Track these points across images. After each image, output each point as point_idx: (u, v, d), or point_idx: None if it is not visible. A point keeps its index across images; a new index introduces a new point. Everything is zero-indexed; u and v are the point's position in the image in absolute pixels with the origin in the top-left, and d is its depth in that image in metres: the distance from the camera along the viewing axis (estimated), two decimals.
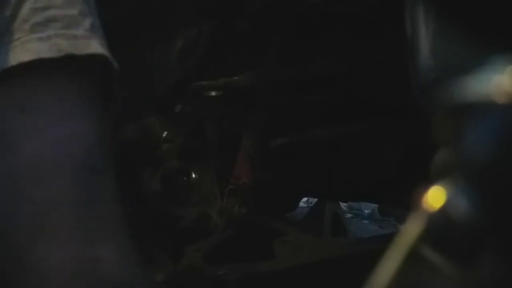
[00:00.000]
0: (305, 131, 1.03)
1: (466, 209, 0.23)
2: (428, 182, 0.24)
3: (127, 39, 0.96)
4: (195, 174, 1.11)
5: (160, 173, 1.09)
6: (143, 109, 1.06)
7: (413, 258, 0.23)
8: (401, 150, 0.98)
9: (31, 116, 0.43)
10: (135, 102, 0.98)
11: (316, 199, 1.88)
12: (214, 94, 1.01)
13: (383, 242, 0.26)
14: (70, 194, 0.42)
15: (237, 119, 1.09)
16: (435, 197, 0.24)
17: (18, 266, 0.40)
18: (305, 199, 2.30)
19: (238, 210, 0.99)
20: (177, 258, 1.10)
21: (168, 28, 0.98)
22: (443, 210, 0.23)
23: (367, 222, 2.53)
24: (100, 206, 0.44)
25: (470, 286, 0.23)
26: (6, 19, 0.42)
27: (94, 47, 0.44)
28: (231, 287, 1.03)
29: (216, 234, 1.03)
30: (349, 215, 2.46)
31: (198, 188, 1.10)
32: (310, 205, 2.14)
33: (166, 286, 1.07)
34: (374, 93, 0.91)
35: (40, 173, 0.42)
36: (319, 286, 1.11)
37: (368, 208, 2.61)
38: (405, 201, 0.26)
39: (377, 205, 2.42)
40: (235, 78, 0.95)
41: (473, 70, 0.25)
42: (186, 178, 1.11)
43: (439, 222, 0.23)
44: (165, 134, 1.08)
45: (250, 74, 0.94)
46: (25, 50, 0.41)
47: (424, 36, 0.29)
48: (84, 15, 0.45)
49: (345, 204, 2.38)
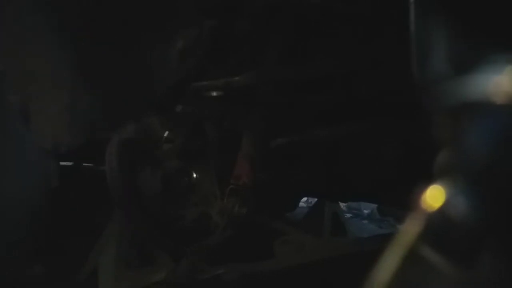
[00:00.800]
0: (305, 131, 1.03)
1: (466, 209, 0.23)
2: (428, 182, 0.24)
3: (127, 39, 0.96)
4: (195, 174, 1.11)
5: (160, 173, 1.09)
6: (143, 109, 1.06)
7: (412, 258, 0.23)
8: (401, 150, 0.98)
9: None
10: (135, 102, 0.98)
11: (316, 199, 1.88)
12: (214, 94, 1.01)
13: (383, 242, 0.26)
14: None
15: (237, 119, 1.09)
16: (435, 197, 0.24)
17: None
18: (305, 199, 2.31)
19: (238, 210, 0.99)
20: (177, 258, 1.10)
21: (168, 28, 0.98)
22: (443, 210, 0.23)
23: (367, 222, 2.54)
24: None
25: (470, 286, 0.23)
26: None
27: None
28: (231, 287, 1.03)
29: (216, 234, 1.02)
30: (348, 215, 2.46)
31: (198, 188, 1.10)
32: (310, 205, 2.14)
33: (166, 286, 1.07)
34: (374, 93, 0.91)
35: None
36: (319, 286, 1.11)
37: (367, 208, 2.61)
38: (404, 201, 0.26)
39: (376, 205, 2.42)
40: (235, 78, 0.95)
41: (473, 70, 0.25)
42: (186, 178, 1.11)
43: (439, 222, 0.23)
44: (165, 134, 1.08)
45: (250, 74, 0.94)
46: None
47: (434, 37, 0.29)
48: None
49: (344, 204, 2.39)
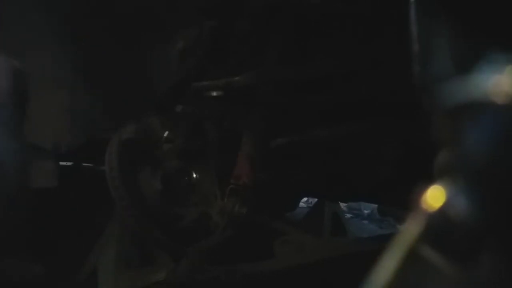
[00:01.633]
0: (305, 131, 1.02)
1: (466, 209, 0.23)
2: (428, 182, 0.24)
3: (127, 39, 0.96)
4: (195, 174, 1.11)
5: (160, 173, 1.09)
6: (143, 109, 1.06)
7: (412, 258, 0.23)
8: (401, 150, 0.98)
9: None
10: (135, 102, 0.98)
11: (316, 199, 1.88)
12: (214, 94, 1.01)
13: (383, 242, 0.26)
14: None
15: (237, 119, 1.09)
16: (435, 197, 0.24)
17: None
18: (305, 199, 2.31)
19: (238, 210, 0.99)
20: (177, 258, 1.10)
21: (168, 28, 0.98)
22: (443, 210, 0.23)
23: (367, 222, 2.54)
24: None
25: (470, 286, 0.23)
26: None
27: None
28: (231, 287, 1.03)
29: (216, 234, 1.02)
30: (348, 215, 2.46)
31: (198, 188, 1.10)
32: (310, 205, 2.14)
33: (166, 286, 1.07)
34: (374, 93, 0.91)
35: None
36: (319, 286, 1.11)
37: (367, 208, 2.61)
38: (404, 201, 0.26)
39: (376, 205, 2.42)
40: (236, 78, 0.95)
41: (473, 70, 0.25)
42: (186, 178, 1.11)
43: (439, 222, 0.23)
44: (165, 134, 1.08)
45: (250, 74, 0.94)
46: None
47: (434, 37, 0.29)
48: None
49: (344, 204, 2.39)
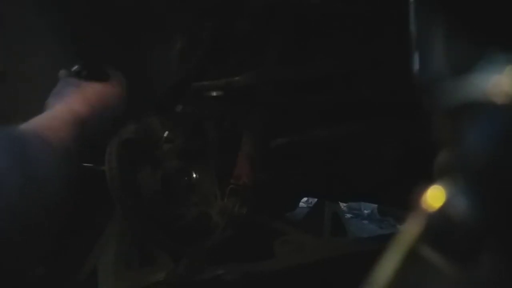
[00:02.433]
0: (305, 131, 1.02)
1: (466, 209, 0.23)
2: (428, 182, 0.24)
3: (127, 39, 0.96)
4: (195, 174, 1.11)
5: (160, 173, 1.09)
6: (143, 109, 1.06)
7: (412, 258, 0.23)
8: (401, 150, 0.98)
9: None
10: (135, 102, 0.98)
11: (316, 199, 1.88)
12: (214, 94, 1.01)
13: (383, 242, 0.25)
14: None
15: (237, 119, 1.09)
16: (435, 197, 0.24)
17: None
18: (305, 199, 2.31)
19: (238, 210, 0.99)
20: (177, 258, 1.10)
21: (168, 28, 0.98)
22: (443, 210, 0.23)
23: (367, 222, 2.54)
24: None
25: (470, 286, 0.23)
26: None
27: None
28: (231, 287, 1.03)
29: (216, 234, 1.02)
30: (348, 215, 2.46)
31: (198, 188, 1.10)
32: (310, 205, 2.14)
33: (166, 286, 1.07)
34: (374, 93, 0.91)
35: None
36: (319, 286, 1.11)
37: (367, 208, 2.61)
38: (404, 201, 0.26)
39: (376, 205, 2.42)
40: (236, 78, 0.95)
41: (473, 70, 0.25)
42: (186, 178, 1.11)
43: (439, 222, 0.23)
44: (165, 134, 1.08)
45: (250, 74, 0.94)
46: None
47: (434, 37, 0.29)
48: None
49: (344, 204, 2.39)
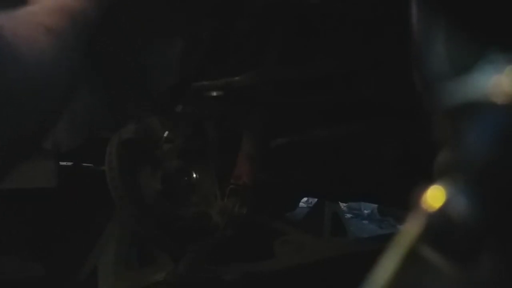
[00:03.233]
0: (305, 131, 1.02)
1: (466, 209, 0.23)
2: (428, 182, 0.24)
3: (127, 39, 0.96)
4: (195, 174, 1.11)
5: (160, 173, 1.09)
6: (143, 109, 1.06)
7: (412, 258, 0.23)
8: (401, 150, 0.98)
9: None
10: (135, 102, 0.98)
11: (316, 199, 1.88)
12: (214, 94, 1.01)
13: (383, 242, 0.26)
14: None
15: (237, 119, 1.09)
16: (435, 197, 0.24)
17: None
18: (305, 199, 2.31)
19: (238, 210, 0.99)
20: (177, 258, 1.10)
21: (168, 28, 0.98)
22: (443, 210, 0.23)
23: (367, 222, 2.54)
24: None
25: (470, 286, 0.23)
26: None
27: None
28: (231, 287, 1.03)
29: (216, 234, 1.02)
30: (348, 215, 2.46)
31: (198, 188, 1.10)
32: (310, 205, 2.14)
33: (166, 286, 1.07)
34: (374, 93, 0.91)
35: None
36: (319, 286, 1.11)
37: (367, 208, 2.61)
38: (404, 201, 0.26)
39: (376, 205, 2.42)
40: (236, 78, 0.95)
41: (473, 70, 0.25)
42: (186, 178, 1.11)
43: (439, 222, 0.23)
44: (165, 134, 1.08)
45: (250, 74, 0.94)
46: None
47: (434, 37, 0.29)
48: None
49: (344, 204, 2.39)
